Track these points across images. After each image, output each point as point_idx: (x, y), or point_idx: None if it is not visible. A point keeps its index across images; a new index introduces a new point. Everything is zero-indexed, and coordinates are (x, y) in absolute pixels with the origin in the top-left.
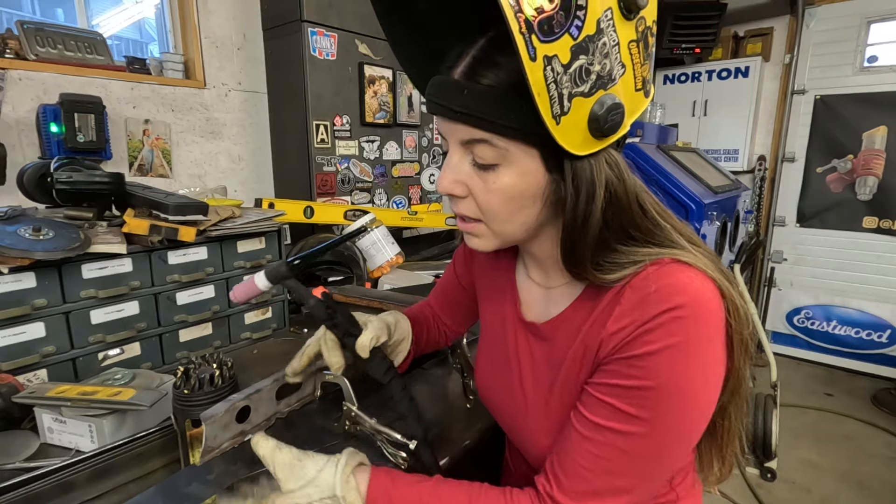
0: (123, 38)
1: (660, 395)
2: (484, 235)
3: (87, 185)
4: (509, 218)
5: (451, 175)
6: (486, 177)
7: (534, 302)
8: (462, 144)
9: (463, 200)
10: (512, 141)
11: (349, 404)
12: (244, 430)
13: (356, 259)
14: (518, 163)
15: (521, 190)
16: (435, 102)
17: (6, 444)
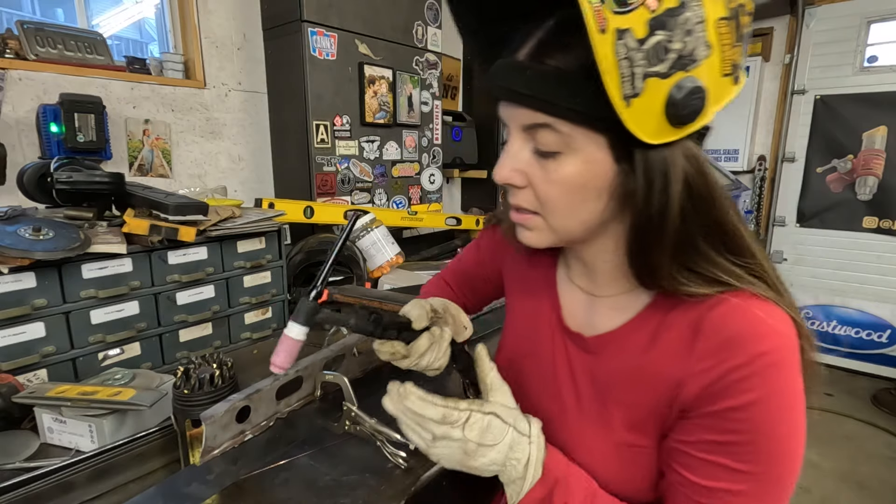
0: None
1: (765, 446)
2: (539, 229)
3: (87, 185)
4: (569, 212)
5: (511, 163)
6: (548, 165)
7: (577, 309)
8: (523, 130)
9: (521, 191)
10: (577, 126)
11: (349, 404)
12: (244, 429)
13: (356, 259)
14: (583, 151)
15: (585, 180)
16: (497, 85)
17: (6, 444)
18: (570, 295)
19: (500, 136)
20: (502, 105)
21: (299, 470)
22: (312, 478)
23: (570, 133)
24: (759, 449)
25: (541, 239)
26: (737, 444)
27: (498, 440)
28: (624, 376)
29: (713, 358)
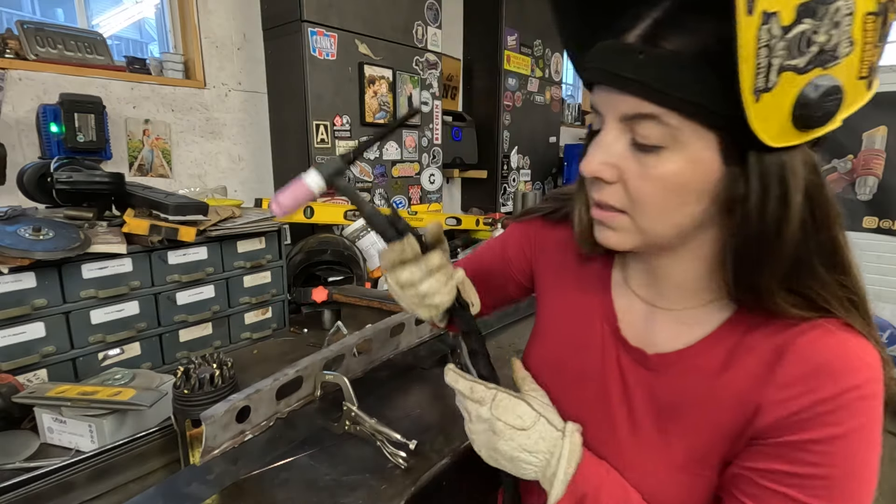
0: (123, 38)
1: (840, 482)
2: (623, 230)
3: (87, 185)
4: (662, 214)
5: (602, 155)
6: (646, 160)
7: (635, 319)
8: (622, 121)
9: (609, 187)
10: (686, 120)
11: (349, 404)
12: (244, 429)
13: (356, 259)
14: (689, 147)
15: (687, 180)
16: (599, 69)
17: (6, 444)
18: (628, 303)
19: (501, 136)
20: (599, 91)
21: (299, 470)
22: (312, 478)
23: (679, 127)
24: (834, 484)
25: (624, 240)
26: (811, 478)
27: (527, 425)
28: (691, 399)
29: (801, 386)
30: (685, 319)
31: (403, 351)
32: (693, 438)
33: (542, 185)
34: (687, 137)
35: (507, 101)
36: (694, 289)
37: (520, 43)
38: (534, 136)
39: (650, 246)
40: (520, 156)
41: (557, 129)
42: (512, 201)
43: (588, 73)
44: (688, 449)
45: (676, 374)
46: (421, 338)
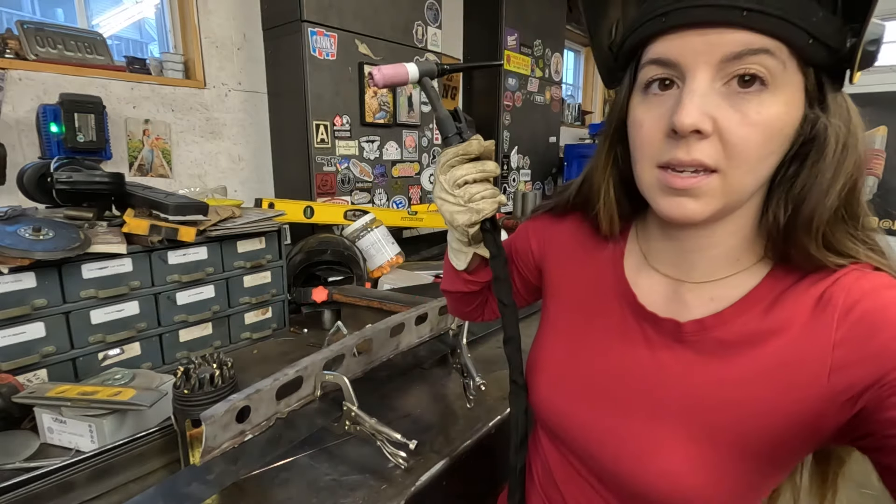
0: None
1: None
2: (709, 195)
3: (87, 185)
4: (758, 165)
5: (700, 104)
6: (746, 106)
7: (658, 297)
8: (723, 61)
9: (704, 143)
10: (793, 56)
11: (349, 404)
12: (244, 430)
13: (356, 259)
14: (785, 88)
15: (783, 125)
16: (701, 6)
17: (6, 444)
18: (648, 281)
19: (501, 136)
20: (679, 37)
21: (299, 470)
22: (312, 478)
23: (786, 63)
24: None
25: (706, 207)
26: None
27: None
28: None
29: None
30: (717, 289)
31: (403, 351)
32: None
33: (542, 185)
34: (788, 77)
35: (507, 101)
36: (731, 258)
37: (520, 43)
38: (534, 136)
39: (726, 211)
40: (520, 156)
41: (557, 129)
42: (512, 201)
43: (676, 15)
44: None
45: (714, 344)
46: (421, 338)
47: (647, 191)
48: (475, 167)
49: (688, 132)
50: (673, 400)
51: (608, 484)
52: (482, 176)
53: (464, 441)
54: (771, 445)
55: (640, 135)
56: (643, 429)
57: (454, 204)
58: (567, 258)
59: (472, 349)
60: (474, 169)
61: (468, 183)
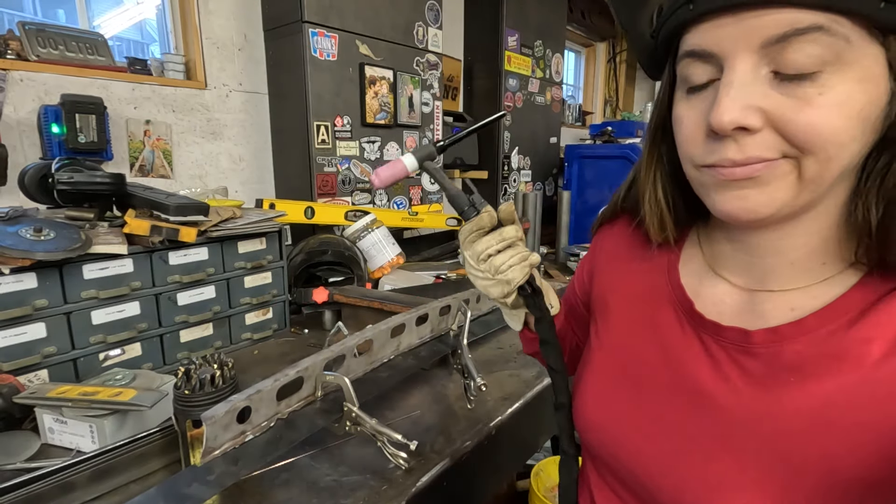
0: (124, 38)
1: None
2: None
3: (88, 186)
4: (839, 151)
5: (742, 97)
6: (802, 92)
7: (726, 307)
8: (764, 46)
9: (754, 138)
10: (856, 27)
11: (350, 405)
12: (245, 430)
13: (357, 259)
14: (857, 64)
15: (861, 105)
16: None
17: (7, 444)
18: (712, 290)
19: (501, 136)
20: (712, 25)
21: (300, 470)
22: (313, 478)
23: (848, 38)
24: None
25: (775, 196)
26: None
27: None
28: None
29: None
30: (797, 298)
31: (404, 352)
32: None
33: (543, 186)
34: (855, 51)
35: (508, 102)
36: (814, 264)
37: (520, 43)
38: (534, 137)
39: (798, 207)
40: (520, 156)
41: (558, 130)
42: (512, 202)
43: (704, 1)
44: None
45: (793, 358)
46: (422, 338)
47: (699, 189)
48: (494, 238)
49: (728, 130)
50: (740, 425)
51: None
52: (504, 245)
53: (464, 442)
54: (861, 487)
55: (681, 133)
56: (706, 459)
57: (483, 279)
58: (615, 269)
59: (473, 350)
60: (494, 240)
61: (492, 256)
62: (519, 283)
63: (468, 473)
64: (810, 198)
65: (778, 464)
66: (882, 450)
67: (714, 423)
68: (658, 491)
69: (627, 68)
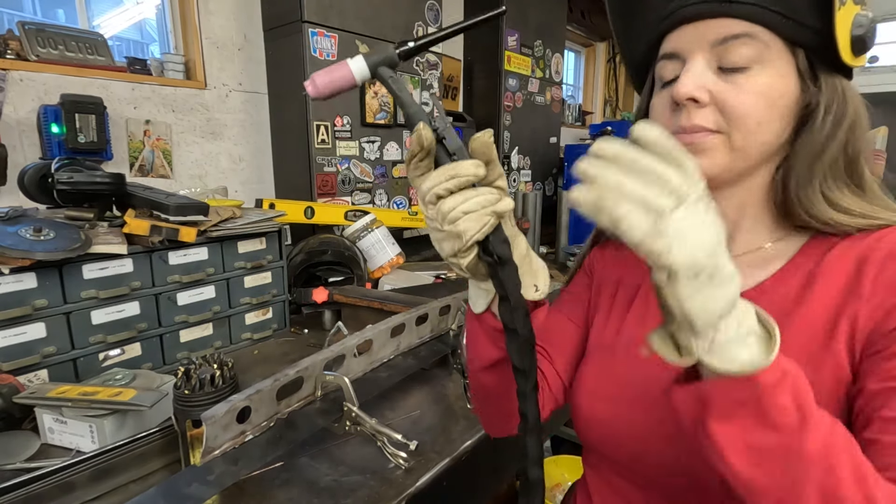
0: (124, 38)
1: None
2: (715, 150)
3: (88, 186)
4: (759, 127)
5: (695, 79)
6: (737, 79)
7: None
8: (713, 47)
9: (702, 110)
10: (776, 37)
11: (350, 405)
12: (244, 430)
13: (357, 259)
14: (774, 64)
15: (778, 95)
16: (692, 4)
17: (7, 444)
18: None
19: (501, 136)
20: (680, 32)
21: (300, 470)
22: (313, 478)
23: (768, 44)
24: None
25: (713, 162)
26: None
27: None
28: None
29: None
30: (755, 261)
31: (404, 351)
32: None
33: (543, 186)
34: (773, 55)
35: (508, 102)
36: (757, 222)
37: (520, 43)
38: (534, 137)
39: (738, 169)
40: (520, 156)
41: (558, 130)
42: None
43: (675, 15)
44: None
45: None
46: (422, 338)
47: None
48: (443, 174)
49: (684, 100)
50: None
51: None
52: (455, 184)
53: (464, 442)
54: None
55: (653, 115)
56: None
57: (433, 229)
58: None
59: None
60: (443, 177)
61: (441, 197)
62: (475, 237)
63: (468, 473)
64: (743, 165)
65: None
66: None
67: None
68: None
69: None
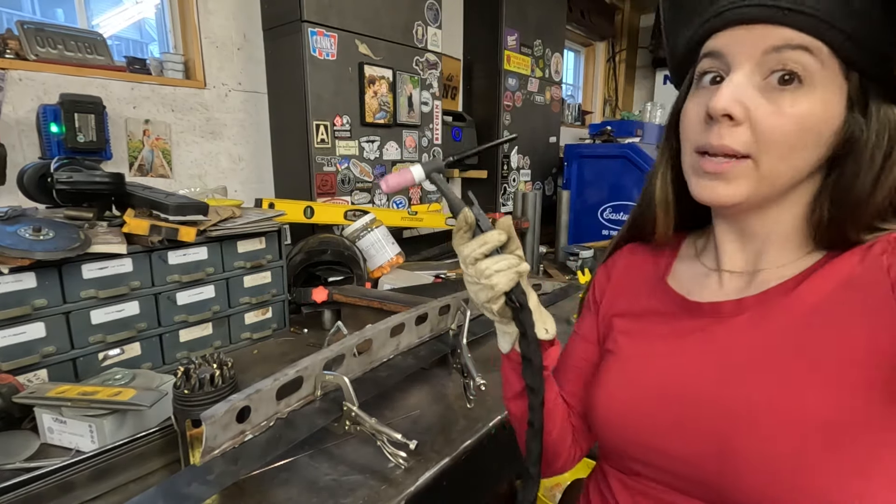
0: (123, 38)
1: None
2: (741, 178)
3: (88, 186)
4: (790, 153)
5: (733, 92)
6: (780, 99)
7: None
8: (762, 56)
9: (733, 129)
10: (833, 56)
11: (349, 404)
12: (244, 430)
13: (356, 259)
14: (823, 89)
15: (819, 121)
16: (749, 5)
17: (6, 444)
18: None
19: (501, 136)
20: (729, 33)
21: (300, 470)
22: (313, 478)
23: (824, 62)
24: None
25: (738, 190)
26: None
27: None
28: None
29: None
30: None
31: (404, 351)
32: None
33: (542, 185)
34: (825, 78)
35: (507, 101)
36: (793, 241)
37: (520, 43)
38: (534, 137)
39: (763, 196)
40: (520, 156)
41: (557, 129)
42: (512, 201)
43: (729, 14)
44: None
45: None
46: (421, 338)
47: (686, 173)
48: (477, 243)
49: (719, 115)
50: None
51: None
52: (486, 249)
53: (464, 441)
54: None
55: (685, 120)
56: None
57: (471, 283)
58: (623, 288)
59: (473, 349)
60: (477, 244)
61: (478, 260)
62: (504, 289)
63: (468, 473)
64: (769, 191)
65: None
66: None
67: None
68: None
69: (627, 68)
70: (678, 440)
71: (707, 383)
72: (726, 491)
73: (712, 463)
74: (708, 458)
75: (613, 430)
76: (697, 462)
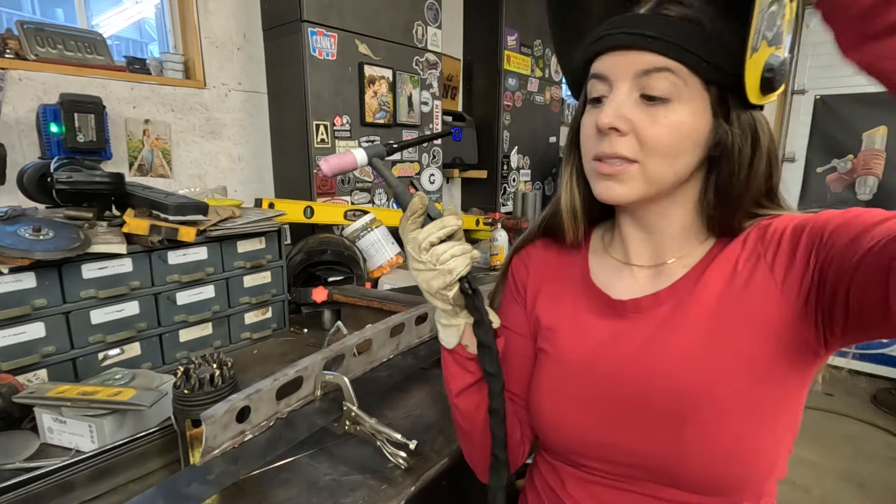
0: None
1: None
2: (633, 180)
3: (87, 185)
4: (672, 158)
5: (616, 109)
6: (655, 111)
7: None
8: (635, 77)
9: (621, 138)
10: (694, 75)
11: (349, 404)
12: (244, 430)
13: (356, 259)
14: (691, 101)
15: (691, 129)
16: (622, 33)
17: (6, 444)
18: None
19: (501, 135)
20: (611, 57)
21: (299, 470)
22: (312, 478)
23: (686, 80)
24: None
25: (631, 190)
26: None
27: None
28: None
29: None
30: (687, 262)
31: (403, 351)
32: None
33: (542, 185)
34: (690, 92)
35: (507, 101)
36: (690, 232)
37: (520, 43)
38: (534, 136)
39: (653, 193)
40: (520, 156)
41: (557, 129)
42: (512, 201)
43: (605, 40)
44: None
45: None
46: (421, 338)
47: (590, 177)
48: (435, 226)
49: (606, 129)
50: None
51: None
52: (445, 233)
53: None
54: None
55: (583, 134)
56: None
57: (426, 269)
58: (544, 284)
59: None
60: (435, 228)
61: (433, 245)
62: (461, 274)
63: (468, 473)
64: (658, 190)
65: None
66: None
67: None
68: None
69: None
70: (625, 434)
71: (647, 376)
72: (674, 472)
73: (661, 449)
74: (657, 445)
75: (560, 432)
76: (648, 451)
